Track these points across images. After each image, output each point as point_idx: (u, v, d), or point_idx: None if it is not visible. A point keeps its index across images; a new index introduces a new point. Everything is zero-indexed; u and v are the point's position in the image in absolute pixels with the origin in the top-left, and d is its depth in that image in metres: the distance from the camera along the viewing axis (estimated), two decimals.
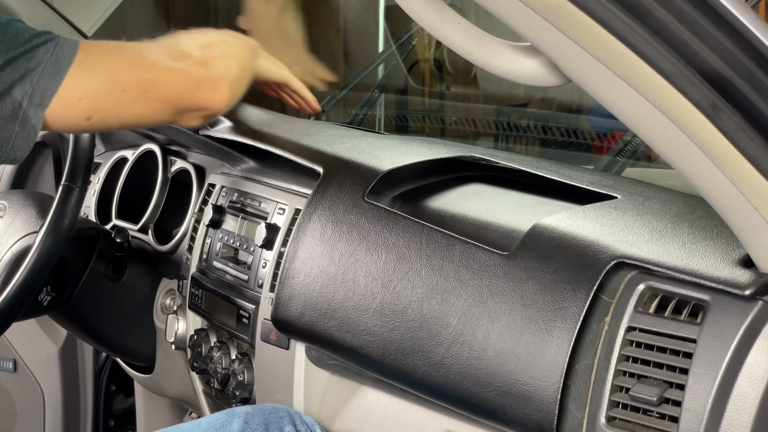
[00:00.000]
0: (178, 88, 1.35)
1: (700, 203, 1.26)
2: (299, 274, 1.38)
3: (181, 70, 1.37)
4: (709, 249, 1.09)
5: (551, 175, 1.38)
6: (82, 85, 1.24)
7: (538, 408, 1.10)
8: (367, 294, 1.29)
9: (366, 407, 1.40)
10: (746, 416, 0.98)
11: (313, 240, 1.38)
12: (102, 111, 1.28)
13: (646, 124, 0.95)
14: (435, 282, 1.22)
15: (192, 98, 1.37)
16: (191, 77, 1.37)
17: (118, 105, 1.29)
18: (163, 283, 1.83)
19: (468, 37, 1.02)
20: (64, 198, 1.56)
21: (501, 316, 1.15)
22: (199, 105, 1.38)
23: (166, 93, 1.34)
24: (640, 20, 0.89)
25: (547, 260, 1.14)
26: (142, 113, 1.33)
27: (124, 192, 1.92)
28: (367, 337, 1.29)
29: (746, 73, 0.89)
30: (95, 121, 1.28)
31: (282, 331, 1.43)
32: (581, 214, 1.21)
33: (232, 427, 1.36)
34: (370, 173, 1.39)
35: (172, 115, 1.37)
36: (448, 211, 1.35)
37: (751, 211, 0.95)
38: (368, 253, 1.31)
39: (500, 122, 2.71)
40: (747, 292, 1.00)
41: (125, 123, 1.38)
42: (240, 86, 1.46)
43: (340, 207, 1.37)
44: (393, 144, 1.52)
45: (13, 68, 1.19)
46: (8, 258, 1.67)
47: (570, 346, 1.09)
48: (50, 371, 2.16)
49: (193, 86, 1.37)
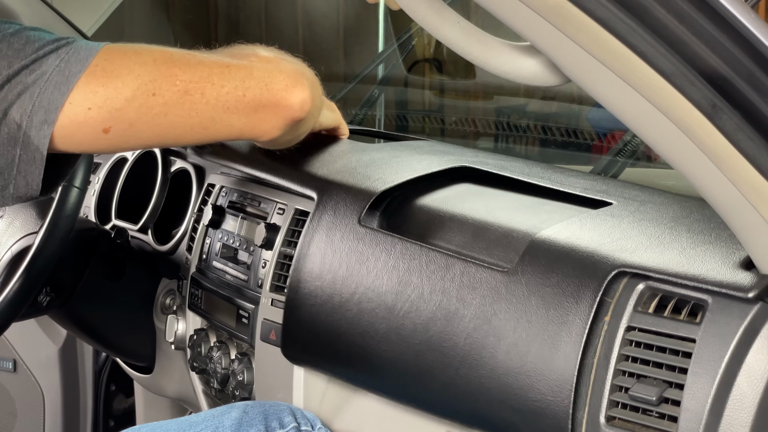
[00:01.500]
0: (234, 86, 1.11)
1: (696, 206, 1.26)
2: (304, 304, 1.38)
3: (239, 65, 1.12)
4: (709, 253, 1.09)
5: (544, 183, 1.37)
6: (93, 92, 1.06)
7: (552, 423, 1.10)
8: (373, 320, 1.29)
9: (366, 407, 1.40)
10: (746, 416, 0.98)
11: (313, 269, 1.37)
12: (123, 120, 1.07)
13: (645, 124, 0.95)
14: (438, 303, 1.22)
15: (259, 96, 1.12)
16: (254, 74, 1.12)
17: (147, 112, 1.08)
18: (162, 283, 1.83)
19: (468, 37, 1.02)
20: (64, 198, 1.56)
21: (507, 334, 1.15)
22: (272, 101, 1.13)
23: (218, 94, 1.10)
24: (640, 20, 0.89)
25: (548, 274, 1.14)
26: (186, 122, 1.10)
27: (123, 192, 1.92)
28: (376, 364, 1.29)
29: (746, 73, 0.89)
30: (117, 134, 1.08)
31: (293, 361, 1.44)
32: (578, 224, 1.21)
33: (231, 416, 1.35)
34: (362, 196, 1.38)
35: (231, 122, 1.11)
36: (448, 212, 1.34)
37: (750, 210, 0.95)
38: (370, 279, 1.30)
39: (500, 122, 2.71)
40: (750, 294, 1.00)
41: (166, 136, 1.12)
42: (319, 96, 1.23)
43: (337, 233, 1.37)
44: (383, 159, 1.50)
45: (12, 85, 1.06)
46: (8, 258, 1.67)
47: (578, 360, 1.09)
48: (50, 371, 2.16)
49: (258, 83, 1.12)
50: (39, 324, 2.15)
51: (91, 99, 1.06)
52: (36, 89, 1.05)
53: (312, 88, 1.19)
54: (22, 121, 1.05)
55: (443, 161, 1.48)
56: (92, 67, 1.06)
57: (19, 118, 1.05)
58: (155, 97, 1.07)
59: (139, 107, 1.07)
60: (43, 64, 1.06)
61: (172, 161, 1.86)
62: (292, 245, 1.48)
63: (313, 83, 1.21)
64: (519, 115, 2.75)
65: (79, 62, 1.06)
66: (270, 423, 1.33)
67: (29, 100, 1.05)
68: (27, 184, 1.07)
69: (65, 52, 1.07)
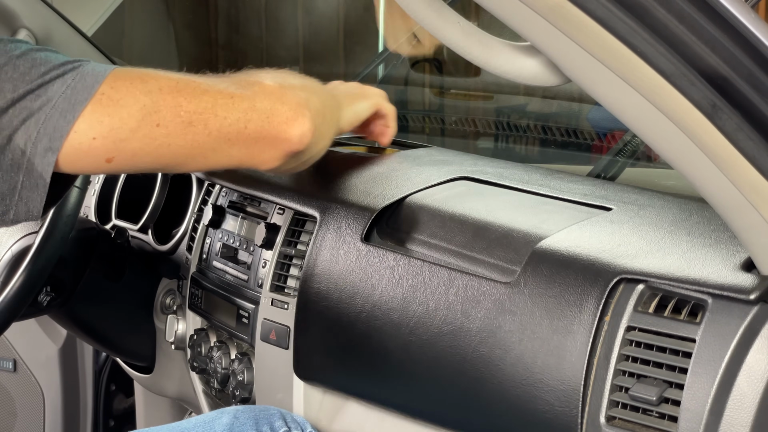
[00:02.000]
0: (236, 119, 1.12)
1: (695, 208, 1.26)
2: (315, 324, 1.39)
3: (243, 96, 1.13)
4: (709, 256, 1.09)
5: (543, 190, 1.38)
6: (98, 121, 1.05)
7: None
8: (382, 337, 1.29)
9: (366, 407, 1.40)
10: (746, 416, 0.98)
11: (320, 289, 1.38)
12: (127, 151, 1.08)
13: (645, 124, 0.95)
14: (444, 318, 1.23)
15: (260, 128, 1.13)
16: (256, 106, 1.14)
17: (151, 143, 1.08)
18: (162, 283, 1.83)
19: (468, 37, 1.02)
20: (64, 198, 1.55)
21: (512, 347, 1.15)
22: (272, 134, 1.14)
23: (220, 126, 1.11)
24: (640, 20, 0.89)
25: (550, 285, 1.14)
26: (188, 152, 1.11)
27: (123, 192, 1.92)
28: (387, 381, 1.30)
29: (746, 73, 0.89)
30: (120, 163, 1.08)
31: (306, 381, 1.44)
32: (578, 232, 1.21)
33: (222, 421, 1.35)
34: (364, 213, 1.38)
35: (231, 152, 1.13)
36: (448, 212, 1.34)
37: (750, 210, 0.95)
38: (375, 297, 1.31)
39: (500, 122, 2.71)
40: (752, 297, 1.00)
41: (167, 164, 1.13)
42: (326, 123, 1.23)
43: (340, 252, 1.37)
44: (383, 173, 1.50)
45: (17, 109, 1.04)
46: (8, 258, 1.66)
47: (584, 368, 1.09)
48: (50, 371, 2.16)
49: (260, 115, 1.14)
50: (39, 324, 2.14)
51: (97, 129, 1.06)
52: (42, 116, 1.04)
53: (314, 118, 1.19)
54: (27, 147, 1.05)
55: (442, 172, 1.48)
56: (98, 95, 1.06)
57: (24, 144, 1.04)
58: (159, 128, 1.08)
59: (142, 137, 1.08)
60: (49, 89, 1.05)
61: None
62: (292, 245, 1.48)
63: (317, 113, 1.20)
64: (519, 114, 2.75)
65: (86, 89, 1.05)
66: (261, 428, 1.34)
67: (34, 126, 1.04)
68: (28, 210, 1.07)
69: (71, 78, 1.06)
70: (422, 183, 1.44)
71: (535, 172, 1.49)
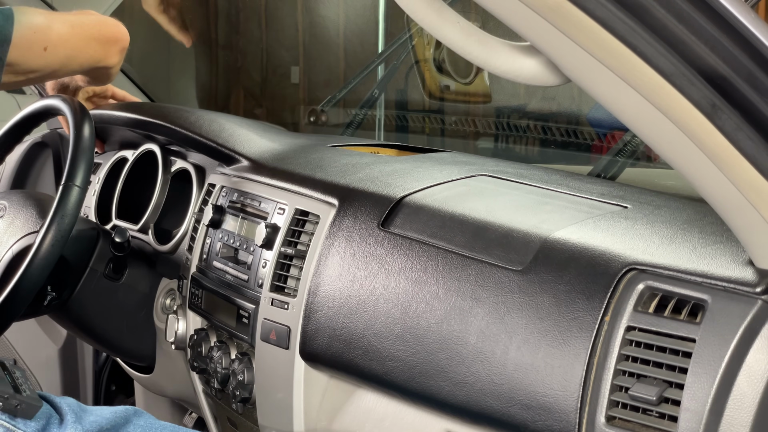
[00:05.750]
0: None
1: (710, 210, 1.27)
2: (323, 307, 1.40)
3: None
4: (719, 252, 1.10)
5: (563, 189, 1.41)
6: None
7: (560, 418, 1.11)
8: (389, 320, 1.31)
9: (365, 407, 1.40)
10: (746, 415, 0.98)
11: (333, 272, 1.40)
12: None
13: (645, 124, 0.95)
14: (452, 303, 1.24)
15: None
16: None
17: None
18: (163, 283, 1.83)
19: (467, 36, 1.02)
20: (64, 198, 1.56)
21: (518, 331, 1.16)
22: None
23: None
24: (640, 20, 0.89)
25: (560, 272, 1.15)
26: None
27: (124, 192, 1.92)
28: (391, 364, 1.31)
29: (745, 73, 0.89)
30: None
31: (310, 363, 1.45)
32: (592, 225, 1.22)
33: None
34: (383, 202, 1.41)
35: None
36: (448, 212, 1.35)
37: (750, 210, 0.95)
38: (387, 281, 1.33)
39: (500, 122, 2.71)
40: (758, 289, 1.00)
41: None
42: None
43: (357, 237, 1.39)
44: (405, 169, 1.54)
45: None
46: (8, 258, 1.67)
47: (587, 354, 1.09)
48: (50, 371, 2.16)
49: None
50: (39, 324, 2.15)
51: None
52: None
53: None
54: None
55: (464, 171, 1.52)
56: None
57: None
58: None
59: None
60: None
61: (172, 161, 1.86)
62: (292, 245, 1.49)
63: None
64: (519, 115, 2.75)
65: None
66: None
67: None
68: None
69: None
70: (443, 178, 1.47)
71: (555, 174, 1.52)
